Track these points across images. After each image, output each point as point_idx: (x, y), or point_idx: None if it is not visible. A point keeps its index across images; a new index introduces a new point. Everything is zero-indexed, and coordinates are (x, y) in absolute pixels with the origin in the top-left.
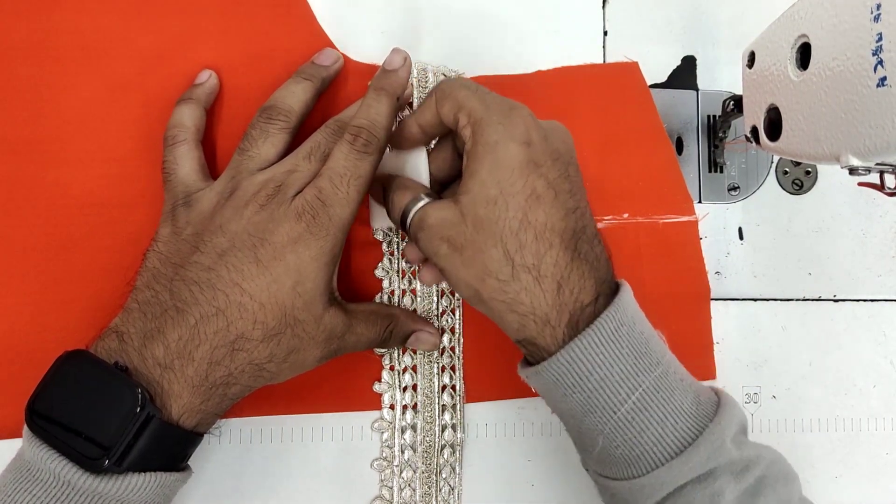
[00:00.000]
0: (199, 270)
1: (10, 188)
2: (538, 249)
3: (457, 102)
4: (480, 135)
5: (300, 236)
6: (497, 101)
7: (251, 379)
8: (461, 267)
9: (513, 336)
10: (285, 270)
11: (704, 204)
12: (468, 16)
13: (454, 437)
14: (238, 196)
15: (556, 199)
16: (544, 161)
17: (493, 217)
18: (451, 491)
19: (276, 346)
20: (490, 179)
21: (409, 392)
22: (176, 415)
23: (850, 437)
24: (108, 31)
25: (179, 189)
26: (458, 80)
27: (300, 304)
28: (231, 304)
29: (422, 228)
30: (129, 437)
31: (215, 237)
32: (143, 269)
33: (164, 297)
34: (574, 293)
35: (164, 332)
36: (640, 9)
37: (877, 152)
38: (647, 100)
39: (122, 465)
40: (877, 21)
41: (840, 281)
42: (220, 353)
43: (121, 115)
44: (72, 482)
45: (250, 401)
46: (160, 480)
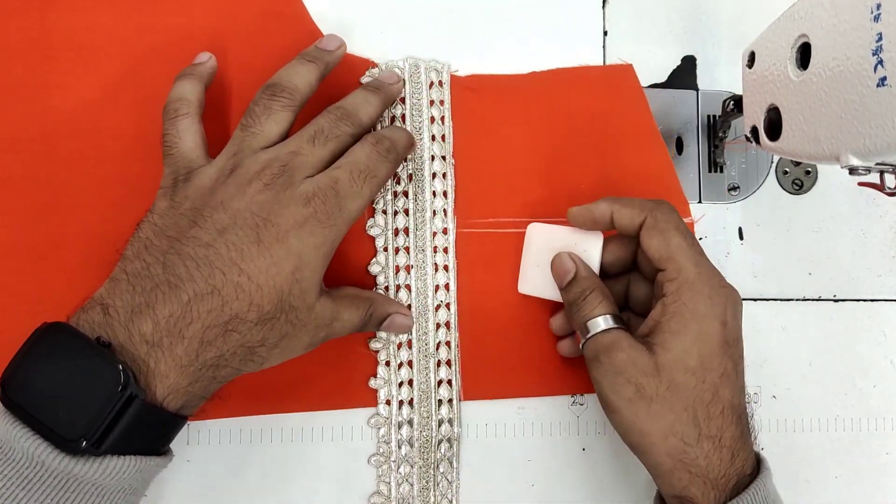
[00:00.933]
0: (196, 246)
1: (3, 187)
2: (722, 423)
3: (669, 248)
4: (689, 301)
5: (306, 221)
6: (708, 271)
7: (241, 362)
8: (645, 417)
9: (671, 491)
10: (286, 254)
11: (704, 204)
12: (468, 15)
13: (451, 432)
14: (240, 173)
15: (737, 379)
16: (733, 342)
17: (689, 385)
18: (448, 485)
19: (270, 331)
20: (693, 350)
21: (405, 387)
22: (161, 396)
23: (850, 437)
24: (102, 30)
25: (181, 164)
26: (673, 216)
27: (297, 291)
28: (228, 284)
29: (607, 356)
30: (109, 419)
31: (216, 213)
32: (134, 238)
33: (157, 271)
34: (742, 463)
35: (153, 308)
36: (640, 9)
37: (877, 152)
38: (642, 102)
39: (100, 447)
40: (877, 21)
41: (840, 281)
42: (212, 333)
43: (115, 114)
44: (45, 463)
45: (247, 400)
46: (139, 465)
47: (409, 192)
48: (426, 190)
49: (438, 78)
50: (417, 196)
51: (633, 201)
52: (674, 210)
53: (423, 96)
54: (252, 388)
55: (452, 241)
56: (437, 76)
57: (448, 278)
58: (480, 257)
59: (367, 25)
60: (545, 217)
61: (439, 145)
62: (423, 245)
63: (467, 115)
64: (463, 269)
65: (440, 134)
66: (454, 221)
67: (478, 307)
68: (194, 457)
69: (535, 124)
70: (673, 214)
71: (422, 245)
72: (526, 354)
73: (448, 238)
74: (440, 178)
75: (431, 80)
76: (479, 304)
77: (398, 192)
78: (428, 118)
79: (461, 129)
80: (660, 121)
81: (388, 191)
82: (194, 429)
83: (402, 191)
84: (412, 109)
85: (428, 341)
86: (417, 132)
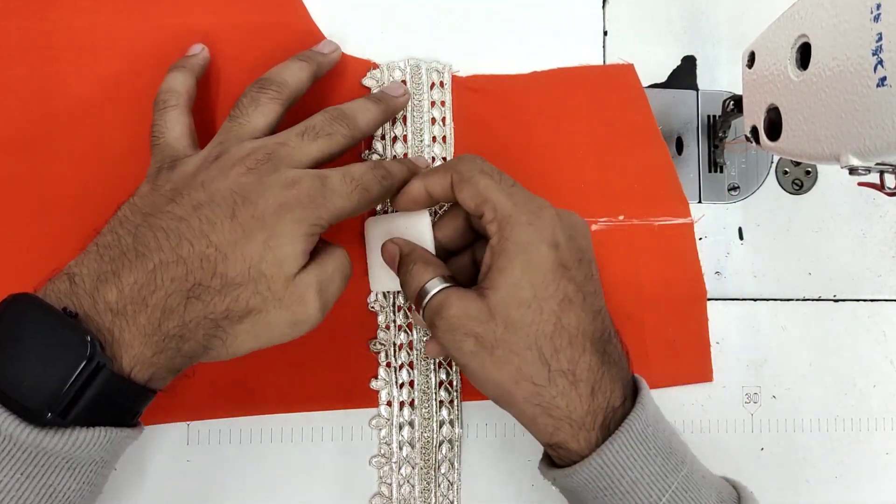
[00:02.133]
0: (169, 219)
1: (3, 187)
2: (572, 354)
3: (479, 192)
4: (510, 233)
5: (286, 203)
6: (524, 198)
7: (206, 337)
8: (491, 367)
9: (543, 439)
10: (259, 226)
11: (704, 204)
12: (468, 16)
13: (452, 433)
14: (225, 158)
15: (584, 302)
16: (572, 263)
17: (527, 320)
18: (450, 486)
19: (235, 302)
20: (523, 281)
21: (406, 388)
22: (127, 366)
23: (850, 437)
24: (102, 30)
25: (167, 153)
26: (475, 163)
27: (270, 258)
28: (194, 254)
29: (441, 316)
30: (76, 389)
31: (194, 192)
32: (112, 218)
33: (127, 241)
34: (606, 396)
35: (119, 275)
36: (640, 9)
37: (877, 152)
38: (643, 102)
39: (66, 418)
40: (877, 21)
41: (840, 281)
42: (174, 300)
43: (115, 113)
44: (13, 436)
45: (248, 400)
46: (109, 436)
47: None
48: None
49: (440, 79)
50: None
51: (438, 168)
52: (475, 158)
53: (424, 97)
54: (253, 389)
55: None
56: (438, 77)
57: None
58: None
59: (368, 25)
60: None
61: (440, 146)
62: None
63: (468, 115)
64: None
65: (441, 135)
66: None
67: None
68: (194, 457)
69: (536, 124)
70: (475, 161)
71: None
72: None
73: None
74: None
75: (432, 80)
76: None
77: None
78: (429, 119)
79: (462, 130)
80: (660, 121)
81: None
82: (194, 429)
83: None
84: (413, 111)
85: None
86: (418, 133)
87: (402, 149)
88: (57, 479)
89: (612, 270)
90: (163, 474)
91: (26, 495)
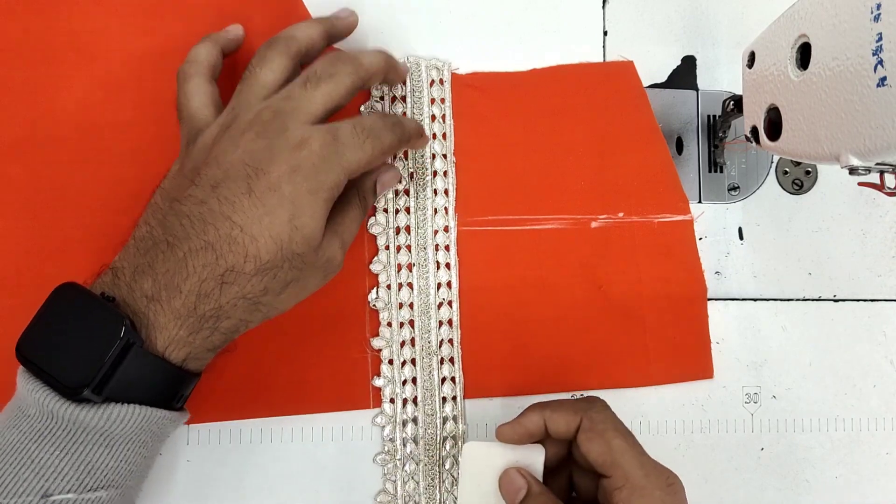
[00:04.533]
0: (192, 204)
1: (4, 190)
2: None
3: (611, 452)
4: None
5: (299, 166)
6: (655, 470)
7: (245, 312)
8: None
9: None
10: (279, 202)
11: (704, 204)
12: (468, 15)
13: (456, 429)
14: (235, 126)
15: None
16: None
17: None
18: (454, 482)
19: (272, 280)
20: None
21: (409, 385)
22: (161, 346)
23: (850, 437)
24: (102, 32)
25: (190, 125)
26: (608, 415)
27: (298, 238)
28: (221, 238)
29: None
30: (108, 365)
31: (210, 169)
32: (147, 205)
33: (158, 232)
34: None
35: (153, 267)
36: (640, 9)
37: (877, 152)
38: (643, 99)
39: (101, 393)
40: (877, 21)
41: (840, 281)
42: (208, 286)
43: (115, 116)
44: (54, 412)
45: (251, 402)
46: (145, 414)
47: (411, 190)
48: (427, 188)
49: (439, 76)
50: (419, 194)
51: (564, 404)
52: (607, 406)
53: (424, 94)
54: (255, 391)
55: (454, 238)
56: (438, 74)
57: (450, 276)
58: (482, 255)
59: (368, 25)
60: (545, 215)
61: (440, 143)
62: (425, 243)
63: (468, 112)
64: (464, 267)
65: (441, 132)
66: (455, 219)
67: (479, 305)
68: (195, 457)
69: (536, 121)
70: (608, 412)
71: (423, 243)
72: (527, 352)
73: (449, 236)
74: (441, 176)
75: (432, 77)
76: (481, 301)
77: (399, 190)
78: (429, 116)
79: (462, 127)
80: (660, 121)
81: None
82: (194, 429)
83: (403, 189)
84: (413, 108)
85: (430, 339)
86: None
87: None
88: (94, 455)
89: (613, 268)
90: (163, 474)
91: (65, 471)
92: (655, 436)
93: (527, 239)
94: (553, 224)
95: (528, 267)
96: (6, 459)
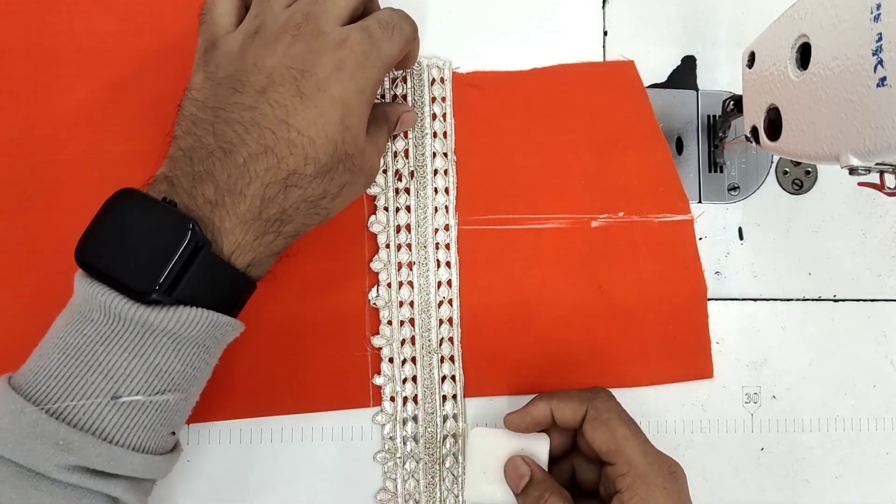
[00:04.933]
0: (241, 111)
1: (5, 190)
2: None
3: (615, 441)
4: (646, 495)
5: (343, 63)
6: (657, 458)
7: (306, 216)
8: None
9: None
10: (331, 102)
11: (704, 204)
12: (468, 15)
13: (456, 427)
14: (264, 33)
15: None
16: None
17: None
18: (454, 480)
19: (330, 183)
20: None
21: (409, 384)
22: (228, 251)
23: (850, 437)
24: (104, 32)
25: (211, 30)
26: (613, 405)
27: (349, 138)
28: (280, 141)
29: None
30: (179, 267)
31: (251, 75)
32: (179, 118)
33: (209, 141)
34: None
35: (213, 174)
36: (640, 9)
37: (877, 152)
38: (643, 98)
39: (171, 295)
40: (877, 21)
41: (840, 281)
42: (272, 189)
43: (117, 117)
44: (122, 314)
45: (251, 401)
46: (212, 319)
47: (411, 188)
48: (428, 186)
49: (440, 75)
50: (419, 193)
51: (570, 394)
52: (611, 397)
53: (424, 93)
54: (255, 390)
55: (454, 237)
56: (439, 73)
57: (450, 275)
58: (482, 253)
59: None
60: (545, 214)
61: (441, 142)
62: (425, 242)
63: (469, 111)
64: (465, 266)
65: (442, 131)
66: (456, 218)
67: (479, 303)
68: (195, 457)
69: (536, 120)
70: (612, 402)
71: (423, 242)
72: (527, 350)
73: (450, 234)
74: (442, 174)
75: (433, 76)
76: (481, 300)
77: (400, 188)
78: (430, 115)
79: (463, 126)
80: (660, 121)
81: (390, 188)
82: (194, 429)
83: (403, 187)
84: (414, 106)
85: (430, 337)
86: (419, 129)
87: (403, 144)
88: (162, 358)
89: (613, 267)
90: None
91: (134, 373)
92: (655, 436)
93: (527, 238)
94: (553, 223)
95: (528, 266)
96: (72, 363)
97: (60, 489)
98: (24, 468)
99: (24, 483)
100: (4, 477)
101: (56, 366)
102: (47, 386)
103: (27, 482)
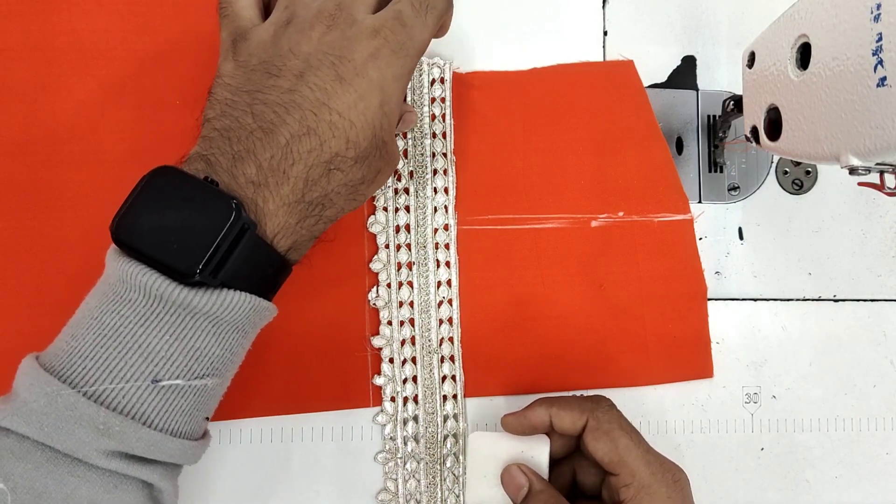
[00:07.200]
0: (279, 93)
1: (4, 190)
2: None
3: (617, 451)
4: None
5: (379, 51)
6: (661, 466)
7: (346, 201)
8: None
9: None
10: (370, 87)
11: (704, 204)
12: (468, 15)
13: (457, 427)
14: (297, 22)
15: None
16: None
17: None
18: (455, 480)
19: (367, 168)
20: None
21: (409, 384)
22: (271, 233)
23: (850, 437)
24: (103, 32)
25: (236, 23)
26: (614, 414)
27: (385, 125)
28: (321, 123)
29: None
30: (224, 249)
31: (288, 60)
32: (210, 103)
33: (247, 121)
34: None
35: (254, 153)
36: (640, 9)
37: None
38: (643, 98)
39: (216, 277)
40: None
41: (840, 281)
42: (316, 172)
43: (116, 117)
44: (163, 295)
45: (251, 401)
46: (254, 304)
47: (411, 188)
48: (427, 187)
49: (440, 75)
50: (419, 193)
51: (571, 402)
52: (613, 406)
53: (424, 93)
54: (255, 390)
55: (454, 237)
56: (439, 73)
57: (450, 275)
58: (481, 253)
59: None
60: (545, 214)
61: (440, 142)
62: (425, 242)
63: (469, 111)
64: (464, 266)
65: (441, 131)
66: (455, 218)
67: (479, 303)
68: None
69: (536, 120)
70: (613, 411)
71: (423, 242)
72: (528, 350)
73: (449, 234)
74: (441, 174)
75: (433, 76)
76: (481, 300)
77: (399, 188)
78: (429, 115)
79: (462, 126)
80: (660, 121)
81: (389, 188)
82: None
83: (403, 188)
84: (413, 106)
85: (431, 337)
86: (418, 129)
87: (402, 144)
88: (203, 342)
89: (613, 267)
90: None
91: (174, 356)
92: (655, 436)
93: (527, 238)
94: (553, 223)
95: (528, 266)
96: (109, 343)
97: (97, 475)
98: (60, 453)
99: (59, 469)
100: (38, 462)
101: (92, 347)
102: (83, 367)
103: (63, 468)
